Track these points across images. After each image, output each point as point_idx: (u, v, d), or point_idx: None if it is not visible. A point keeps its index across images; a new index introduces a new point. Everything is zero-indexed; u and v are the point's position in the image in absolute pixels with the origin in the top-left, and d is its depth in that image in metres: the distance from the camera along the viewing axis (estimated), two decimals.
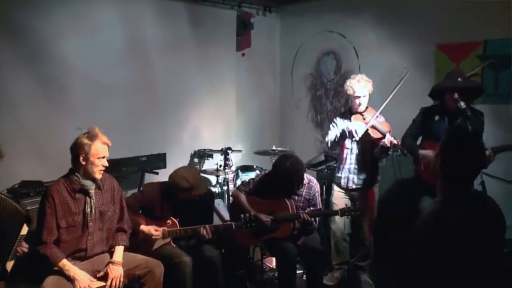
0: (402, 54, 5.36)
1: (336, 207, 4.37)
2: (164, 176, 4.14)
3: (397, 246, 2.76)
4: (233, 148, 5.36)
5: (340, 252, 4.54)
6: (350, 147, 4.36)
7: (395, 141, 4.00)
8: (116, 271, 3.31)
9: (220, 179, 5.40)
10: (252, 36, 6.39)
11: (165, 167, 4.99)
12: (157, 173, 4.92)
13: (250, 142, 6.35)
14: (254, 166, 5.52)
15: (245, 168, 5.54)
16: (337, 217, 4.39)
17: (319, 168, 5.23)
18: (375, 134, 4.17)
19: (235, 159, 5.53)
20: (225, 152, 5.16)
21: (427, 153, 3.80)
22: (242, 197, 4.08)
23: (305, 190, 4.08)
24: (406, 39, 5.36)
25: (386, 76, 5.35)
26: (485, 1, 4.67)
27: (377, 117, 4.25)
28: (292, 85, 6.73)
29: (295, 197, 4.06)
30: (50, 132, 4.55)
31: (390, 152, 4.26)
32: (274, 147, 5.35)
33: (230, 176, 5.08)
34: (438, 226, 2.20)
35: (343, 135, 4.25)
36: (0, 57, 4.26)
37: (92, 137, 3.22)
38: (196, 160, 5.57)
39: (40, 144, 4.52)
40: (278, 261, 4.10)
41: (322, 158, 5.27)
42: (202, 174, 5.36)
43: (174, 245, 3.80)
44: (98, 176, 3.30)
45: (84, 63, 4.78)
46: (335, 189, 4.51)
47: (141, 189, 4.28)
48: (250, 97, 6.55)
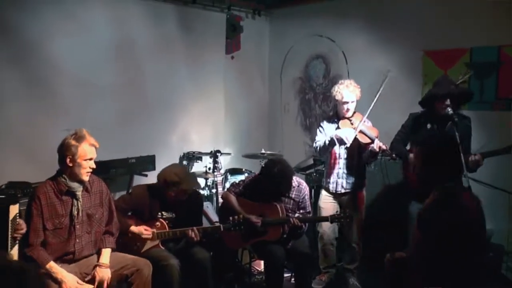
0: (390, 59, 5.40)
1: (324, 212, 4.39)
2: (153, 178, 4.13)
3: (385, 249, 2.80)
4: (222, 151, 5.36)
5: (328, 256, 4.56)
6: (339, 152, 4.39)
7: (384, 146, 4.04)
8: (104, 274, 3.30)
9: (209, 182, 5.40)
10: (242, 39, 6.41)
11: (154, 169, 4.97)
12: (146, 175, 4.91)
13: (239, 145, 6.36)
14: (243, 169, 5.53)
15: (234, 171, 5.55)
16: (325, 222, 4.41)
17: (308, 172, 5.26)
18: (364, 139, 4.21)
19: (224, 162, 5.54)
20: (214, 155, 5.16)
21: None
22: (233, 199, 4.09)
23: (295, 193, 4.10)
24: (394, 44, 5.41)
25: (375, 81, 5.34)
26: (472, 9, 4.74)
27: (365, 122, 4.28)
28: (281, 89, 6.75)
29: (285, 200, 4.07)
30: (38, 133, 4.51)
31: (379, 157, 4.30)
32: (263, 151, 5.36)
33: (219, 179, 5.08)
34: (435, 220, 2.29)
35: (332, 143, 4.28)
36: None
37: (79, 139, 3.19)
38: (185, 163, 5.56)
39: (28, 145, 4.49)
40: (266, 264, 4.10)
41: (311, 162, 5.30)
42: None
43: (163, 248, 3.79)
44: (86, 178, 3.28)
45: (73, 64, 4.75)
46: (323, 194, 4.53)
47: (130, 191, 4.27)
48: (239, 100, 6.56)
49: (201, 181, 5.55)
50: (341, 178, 4.40)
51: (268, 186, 3.94)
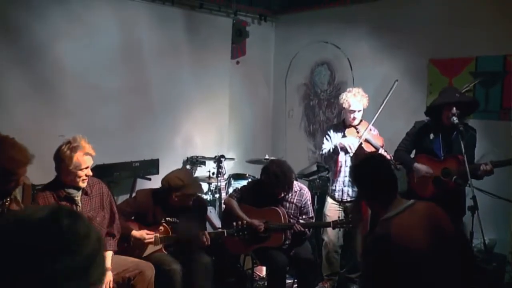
0: (395, 66, 5.40)
1: (329, 219, 4.38)
2: (157, 182, 4.14)
3: None
4: (226, 156, 5.36)
5: (331, 264, 4.54)
6: (344, 160, 4.39)
7: (388, 156, 4.03)
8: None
9: (212, 187, 5.40)
10: (247, 45, 6.41)
11: (158, 173, 4.97)
12: (150, 179, 4.91)
13: (242, 150, 6.36)
14: (247, 175, 5.53)
15: (238, 176, 5.54)
16: (330, 229, 4.38)
17: (311, 178, 5.24)
18: (369, 148, 4.20)
19: (227, 167, 5.54)
20: (218, 160, 5.17)
21: (421, 167, 3.84)
22: (235, 204, 4.09)
23: (296, 198, 4.10)
24: (400, 52, 5.40)
25: (379, 88, 5.38)
26: (478, 18, 4.73)
27: (371, 130, 4.28)
28: (286, 94, 6.75)
29: (286, 205, 4.07)
30: (43, 135, 4.50)
31: None
32: (267, 156, 5.36)
33: (223, 184, 5.08)
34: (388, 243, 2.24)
35: (336, 151, 4.28)
36: None
37: (74, 149, 3.16)
38: (189, 167, 5.56)
39: (33, 147, 4.41)
40: (268, 270, 4.10)
41: (315, 168, 5.28)
42: None
43: (165, 252, 3.79)
44: (82, 185, 3.27)
45: (79, 67, 4.76)
46: (329, 201, 4.52)
47: (134, 195, 4.27)
48: (243, 105, 6.57)
49: (204, 186, 5.55)
50: (347, 186, 4.40)
51: (268, 186, 3.93)
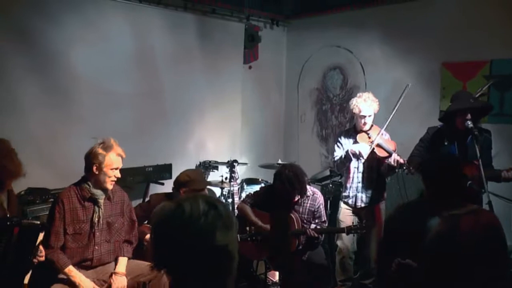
0: (408, 70, 5.38)
1: (343, 225, 4.36)
2: (170, 187, 4.16)
3: (401, 267, 2.77)
4: (238, 161, 5.37)
5: (345, 269, 4.51)
6: (357, 166, 4.36)
7: (401, 160, 4.01)
8: (120, 282, 3.32)
9: (225, 191, 5.41)
10: (259, 49, 6.42)
11: (171, 178, 5.00)
12: (163, 184, 4.93)
13: (255, 155, 6.36)
14: (259, 179, 5.53)
15: (250, 181, 5.55)
16: (344, 235, 4.35)
17: (324, 183, 5.23)
18: (381, 153, 4.18)
19: (240, 172, 5.54)
20: (231, 165, 5.17)
21: None
22: (248, 209, 4.09)
23: (309, 202, 4.09)
24: (412, 56, 5.38)
25: (392, 92, 5.36)
26: (492, 21, 4.70)
27: (383, 135, 4.26)
28: (298, 99, 6.75)
29: (300, 209, 4.06)
30: (57, 140, 4.57)
31: (397, 170, 4.27)
32: (280, 161, 5.36)
33: (235, 189, 5.09)
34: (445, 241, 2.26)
35: (348, 157, 4.26)
36: (11, 64, 4.29)
37: (107, 148, 3.29)
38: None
39: (47, 152, 4.54)
40: (282, 276, 4.09)
41: (327, 173, 5.28)
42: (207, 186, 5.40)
43: None
44: (110, 187, 3.34)
45: (93, 73, 4.81)
46: (342, 207, 4.50)
47: (148, 199, 4.29)
48: (256, 110, 6.58)
49: (217, 191, 5.57)
50: (360, 192, 4.37)
51: (282, 190, 3.91)
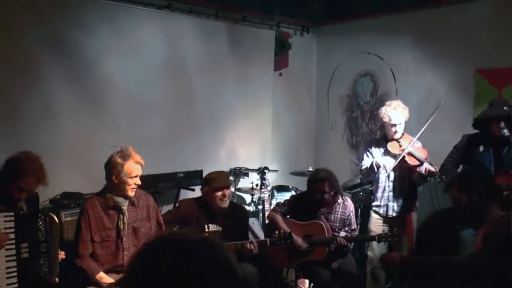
0: (440, 77, 5.31)
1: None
2: (200, 193, 4.20)
3: (433, 277, 2.75)
4: (269, 168, 5.37)
5: (376, 280, 4.46)
6: (387, 175, 4.31)
7: (433, 169, 3.95)
8: None
9: (255, 198, 5.42)
10: (290, 56, 6.44)
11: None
12: (193, 190, 4.95)
13: (285, 162, 6.36)
14: (290, 187, 5.52)
15: (281, 188, 5.54)
16: (375, 244, 4.31)
17: (354, 191, 5.18)
18: (412, 161, 4.12)
19: (270, 179, 5.55)
20: (262, 172, 5.17)
21: None
22: (279, 218, 4.09)
23: (340, 210, 4.08)
24: (445, 62, 5.30)
25: (424, 99, 5.31)
26: None
27: (414, 143, 4.20)
28: (328, 106, 6.73)
29: (331, 217, 4.05)
30: (92, 146, 4.67)
31: (429, 179, 4.21)
32: (311, 168, 5.33)
33: (266, 196, 5.09)
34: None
35: (372, 168, 4.23)
36: (48, 73, 4.44)
37: (125, 157, 3.28)
38: (232, 178, 5.59)
39: (82, 158, 4.65)
40: (312, 285, 4.08)
41: (358, 181, 5.22)
42: (237, 193, 5.42)
43: None
44: (131, 194, 3.36)
45: (126, 81, 4.92)
46: (373, 216, 4.44)
47: (178, 205, 4.34)
48: (286, 117, 6.58)
49: (247, 197, 5.59)
50: (392, 201, 4.31)
51: (317, 192, 3.92)
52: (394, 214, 4.32)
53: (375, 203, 4.43)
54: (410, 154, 4.13)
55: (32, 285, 2.97)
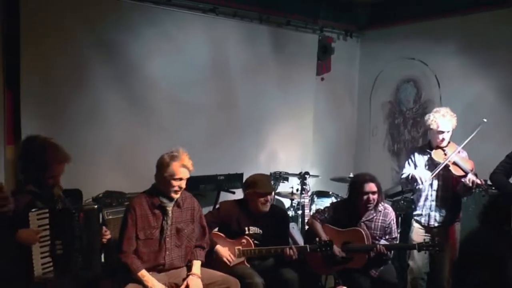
0: (488, 84, 5.17)
1: None
2: (240, 195, 4.23)
3: None
4: (309, 173, 5.36)
5: None
6: (431, 183, 4.22)
7: (478, 181, 3.83)
8: (196, 283, 3.38)
9: (294, 203, 5.41)
10: (332, 61, 6.40)
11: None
12: (234, 193, 4.99)
13: (325, 167, 6.32)
14: (330, 192, 5.49)
15: (321, 194, 5.51)
16: (416, 254, 4.21)
17: (395, 199, 5.08)
18: (457, 171, 4.02)
19: (310, 184, 5.52)
20: (303, 177, 5.16)
21: None
22: (318, 226, 4.07)
23: (381, 218, 4.03)
24: (493, 68, 5.15)
25: (469, 107, 5.18)
26: None
27: (459, 152, 4.10)
28: (370, 112, 6.65)
29: (371, 225, 4.00)
30: (136, 147, 4.78)
31: (473, 191, 4.08)
32: (351, 174, 5.28)
33: (306, 201, 5.07)
34: None
35: (409, 180, 4.17)
36: (95, 75, 4.56)
37: (173, 157, 3.33)
38: (272, 182, 5.61)
39: (125, 158, 4.75)
40: None
41: (399, 189, 5.12)
42: (277, 197, 5.42)
43: (248, 265, 3.83)
44: (174, 196, 3.40)
45: (169, 83, 5.01)
46: (415, 226, 4.33)
47: (218, 206, 4.37)
48: (328, 122, 6.54)
49: (287, 202, 5.59)
50: (434, 211, 4.21)
51: (360, 193, 3.90)
52: (436, 224, 4.21)
53: (417, 212, 4.34)
54: (455, 164, 4.03)
55: (68, 281, 3.03)
